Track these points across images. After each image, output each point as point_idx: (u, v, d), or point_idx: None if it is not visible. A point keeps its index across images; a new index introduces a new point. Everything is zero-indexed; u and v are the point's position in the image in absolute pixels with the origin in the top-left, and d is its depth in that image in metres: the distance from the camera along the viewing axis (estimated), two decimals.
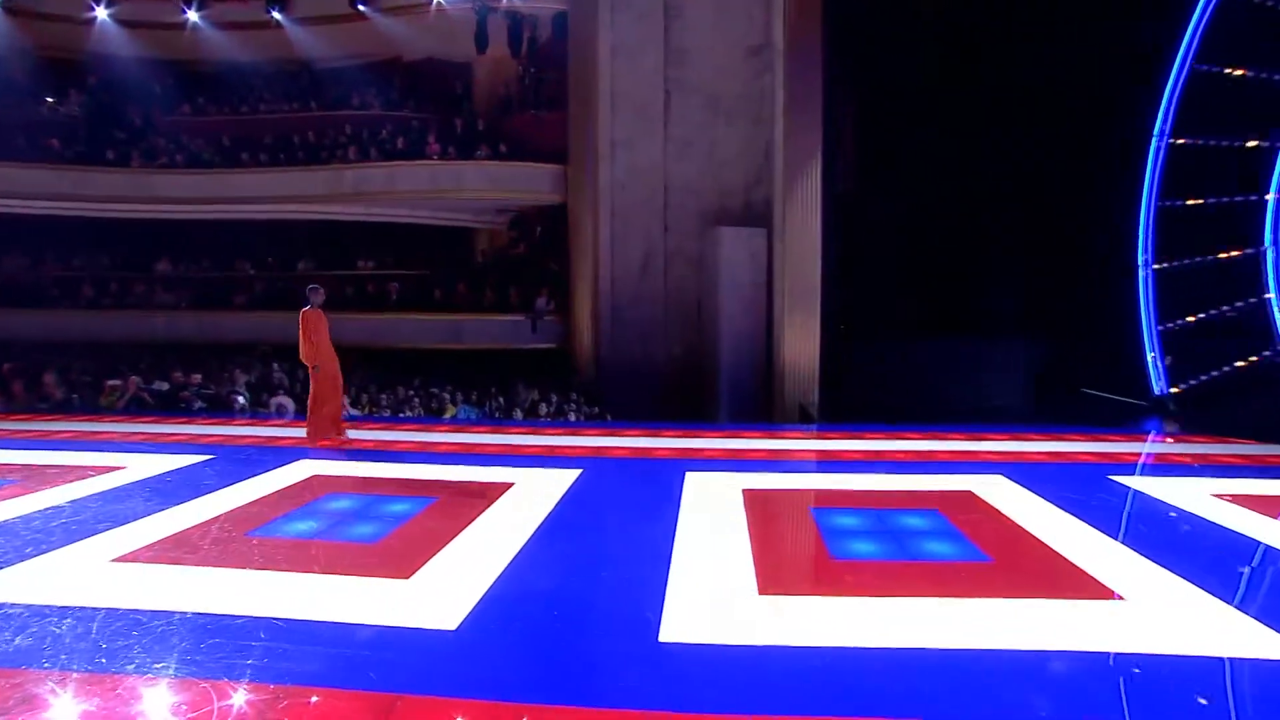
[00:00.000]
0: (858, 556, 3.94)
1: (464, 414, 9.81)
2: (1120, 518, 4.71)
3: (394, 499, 5.16)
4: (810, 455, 6.71)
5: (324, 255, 15.74)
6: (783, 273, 10.76)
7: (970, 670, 2.70)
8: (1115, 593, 3.42)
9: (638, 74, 12.12)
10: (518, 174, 13.12)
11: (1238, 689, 2.64)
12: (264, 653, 2.76)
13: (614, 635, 3.06)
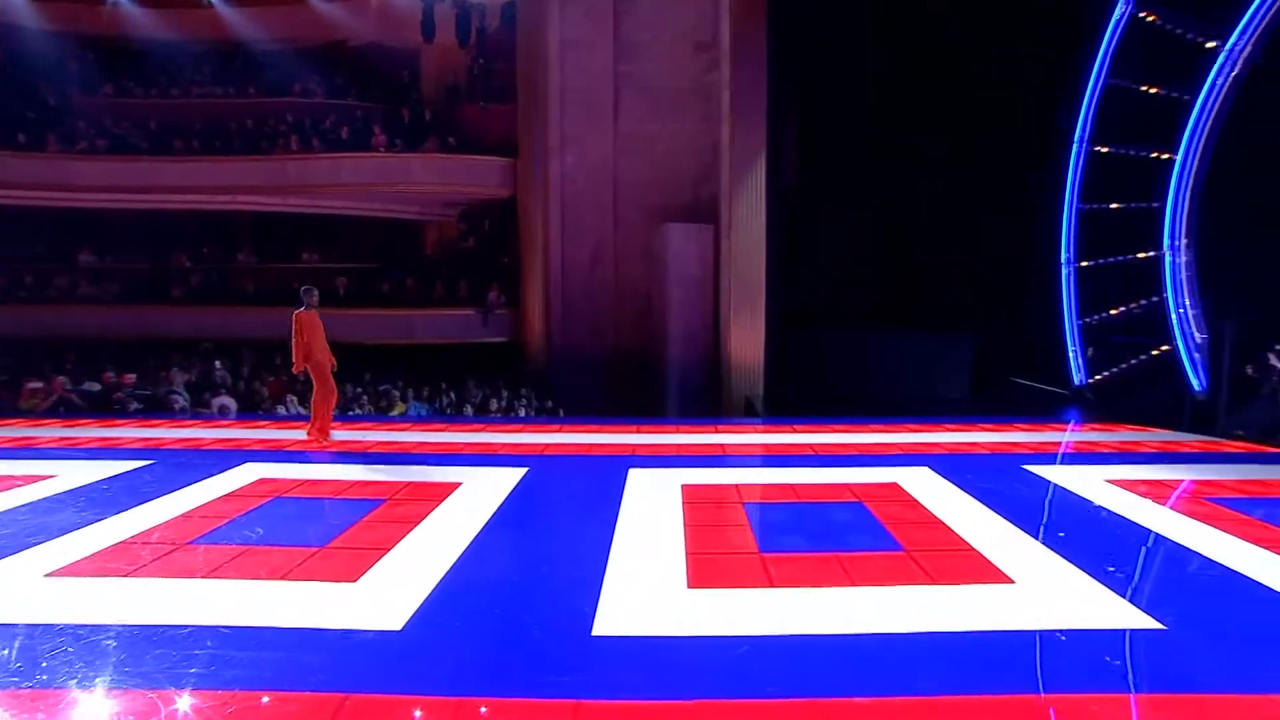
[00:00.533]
0: (783, 550, 4.26)
1: (414, 411, 9.84)
2: (1024, 506, 5.17)
3: (341, 502, 5.25)
4: (749, 450, 7.03)
5: (265, 247, 15.35)
6: (729, 268, 11.10)
7: (867, 652, 3.04)
8: (1007, 576, 3.84)
9: (587, 69, 12.21)
10: (467, 167, 13.06)
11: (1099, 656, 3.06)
12: (210, 660, 2.87)
13: (551, 630, 3.28)
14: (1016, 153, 10.88)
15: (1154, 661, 3.00)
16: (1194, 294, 8.53)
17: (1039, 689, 2.75)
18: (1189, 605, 3.52)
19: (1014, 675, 2.86)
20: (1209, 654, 3.06)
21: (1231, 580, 3.82)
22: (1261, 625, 3.34)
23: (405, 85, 15.41)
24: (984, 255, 11.40)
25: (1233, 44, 7.86)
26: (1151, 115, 8.90)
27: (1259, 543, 4.33)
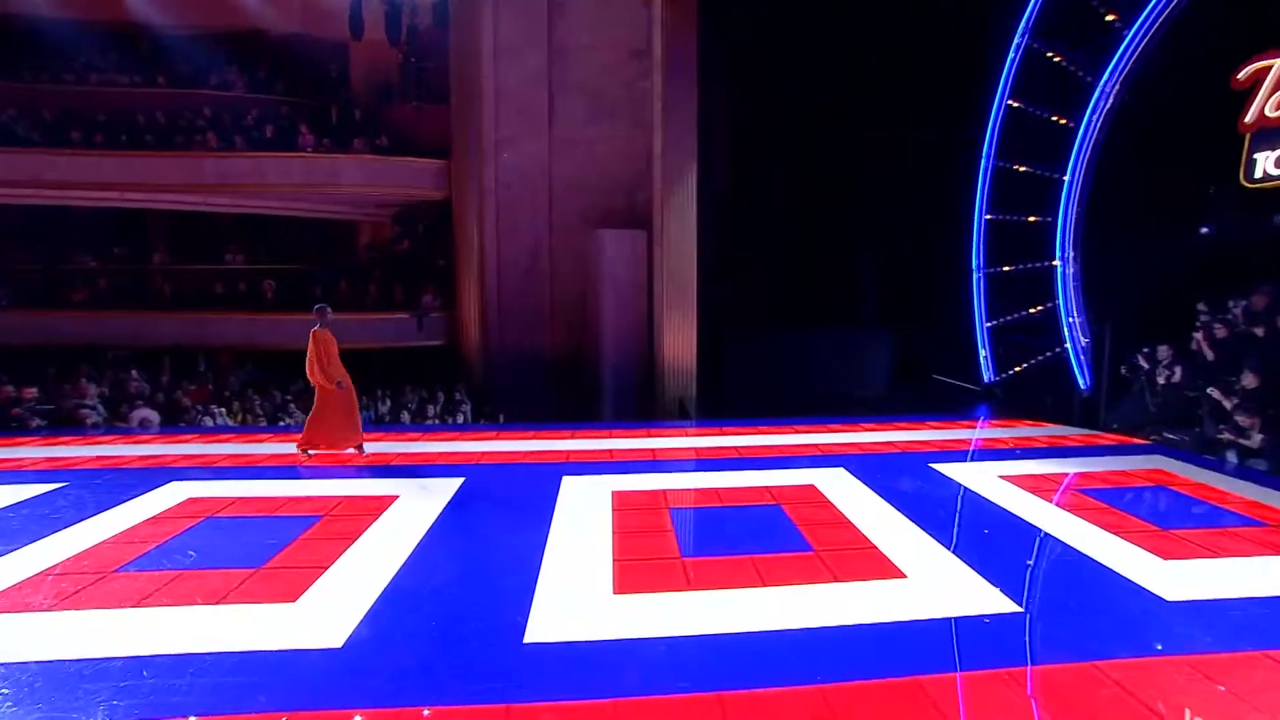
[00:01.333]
0: (703, 554, 4.65)
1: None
2: (925, 504, 5.71)
3: (276, 520, 5.28)
4: (678, 454, 7.38)
5: (184, 247, 14.71)
6: (662, 273, 11.47)
7: (773, 647, 3.45)
8: (901, 571, 4.34)
9: (521, 72, 12.30)
10: (399, 170, 12.90)
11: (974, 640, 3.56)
12: (149, 690, 2.99)
13: (487, 639, 3.54)
14: (932, 165, 11.69)
15: (1011, 641, 3.53)
16: (1080, 301, 9.51)
17: (919, 671, 3.22)
18: (1046, 590, 4.11)
19: (900, 661, 3.31)
20: (1056, 631, 3.63)
21: (1083, 564, 4.45)
22: (1100, 602, 3.96)
23: (333, 82, 14.98)
24: (902, 260, 12.24)
25: (1104, 81, 8.83)
26: (1049, 137, 9.81)
27: (1111, 529, 5.02)
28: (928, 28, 10.99)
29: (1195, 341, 8.02)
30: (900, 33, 11.45)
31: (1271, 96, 7.42)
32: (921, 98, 11.44)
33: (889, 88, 11.72)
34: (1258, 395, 7.15)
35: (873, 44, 11.81)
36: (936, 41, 11.03)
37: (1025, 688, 3.10)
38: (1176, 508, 5.66)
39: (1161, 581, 4.19)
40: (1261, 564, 4.53)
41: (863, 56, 11.96)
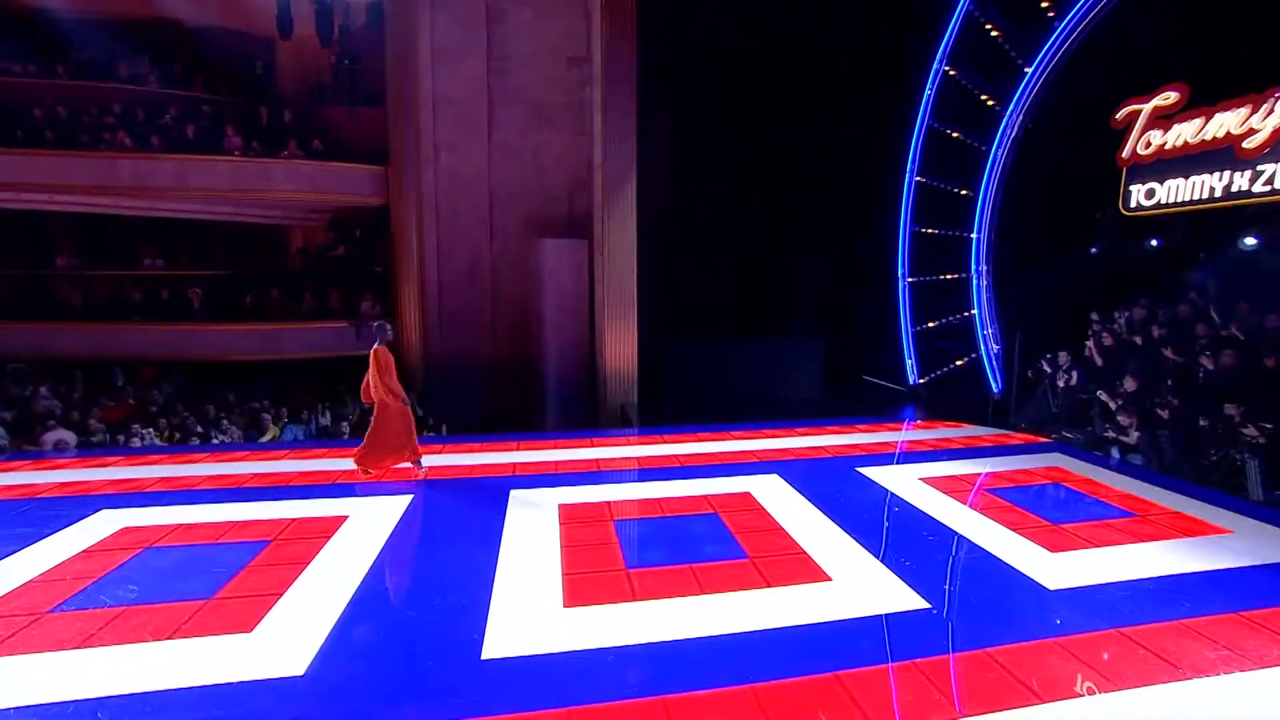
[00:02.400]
0: (646, 564, 4.97)
1: (289, 434, 9.65)
2: (851, 508, 6.23)
3: (222, 547, 5.28)
4: (621, 465, 7.69)
5: (94, 251, 13.94)
6: (603, 283, 11.77)
7: (711, 651, 3.84)
8: (827, 575, 4.83)
9: (460, 77, 12.30)
10: (335, 175, 12.63)
11: (888, 636, 4.06)
12: None
13: (446, 658, 3.79)
14: (860, 181, 12.46)
15: (919, 635, 4.05)
16: (993, 311, 10.43)
17: (840, 668, 3.67)
18: (952, 587, 4.67)
19: (824, 658, 3.76)
20: (958, 624, 4.17)
21: (986, 561, 5.06)
22: (996, 595, 4.55)
23: (260, 80, 14.50)
24: (834, 270, 13.00)
25: (1010, 111, 9.75)
26: (966, 158, 10.68)
27: (1012, 526, 5.68)
28: (855, 51, 11.71)
29: (1087, 349, 8.98)
30: (830, 56, 12.14)
31: (1142, 136, 8.44)
32: (851, 117, 12.18)
33: (821, 108, 12.43)
34: (1136, 397, 8.10)
35: (804, 66, 12.46)
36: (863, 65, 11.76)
37: (926, 677, 3.60)
38: (1068, 504, 6.39)
39: (1047, 573, 4.84)
40: (1127, 552, 5.26)
41: (795, 78, 12.60)
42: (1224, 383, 7.61)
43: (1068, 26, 9.02)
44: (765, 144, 12.82)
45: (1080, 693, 3.47)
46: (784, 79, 12.59)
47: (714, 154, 12.80)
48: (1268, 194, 7.52)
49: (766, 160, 12.82)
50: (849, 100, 12.02)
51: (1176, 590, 4.66)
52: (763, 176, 12.87)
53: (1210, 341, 8.07)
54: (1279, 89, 7.30)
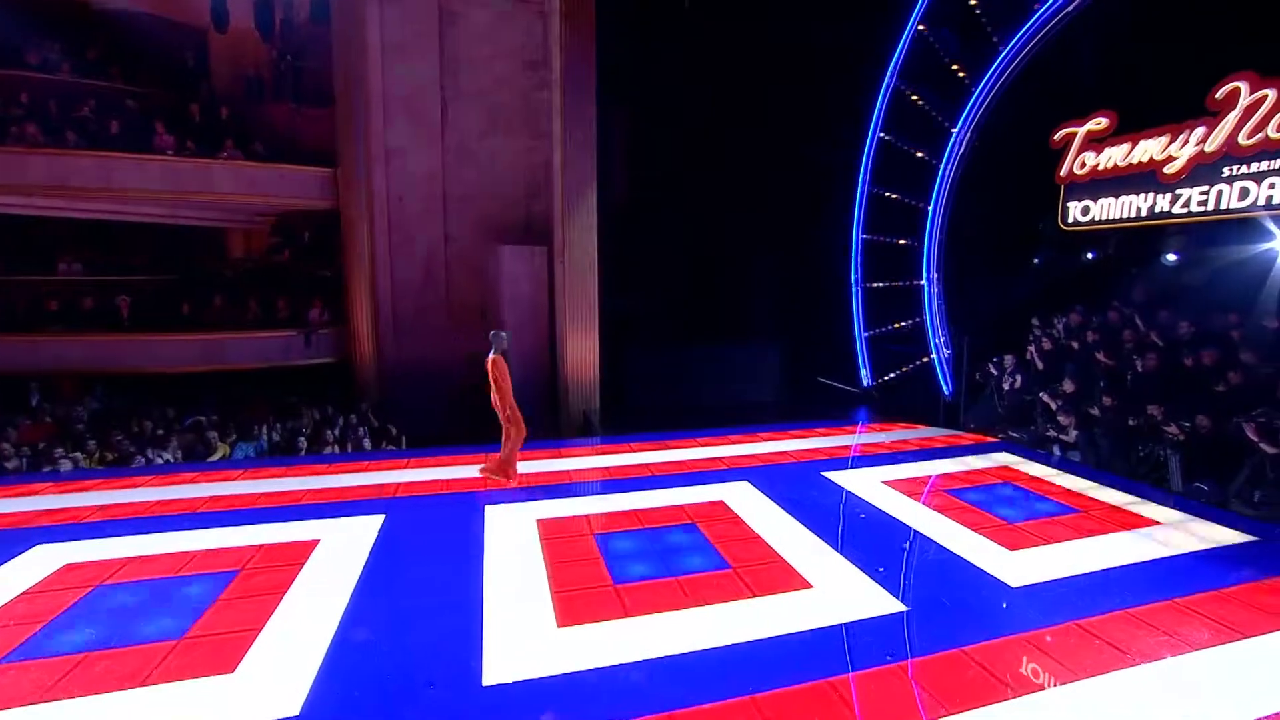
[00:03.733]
0: (634, 579, 5.07)
1: (240, 452, 9.24)
2: (821, 513, 6.51)
3: (185, 581, 5.08)
4: (592, 475, 7.76)
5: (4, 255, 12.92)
6: (564, 289, 11.76)
7: (707, 665, 3.99)
8: (808, 582, 5.05)
9: (413, 78, 12.04)
10: (281, 177, 12.10)
11: (874, 639, 4.29)
12: None
13: (447, 686, 3.79)
14: (815, 189, 12.89)
15: (899, 637, 4.31)
16: (943, 316, 11.01)
17: (831, 674, 3.87)
18: (925, 588, 4.97)
19: (816, 665, 3.96)
20: (933, 624, 4.46)
21: (952, 562, 5.40)
22: (965, 595, 4.87)
23: (191, 72, 13.69)
24: (791, 276, 13.40)
25: (958, 127, 10.34)
26: (917, 170, 11.23)
27: (972, 526, 6.07)
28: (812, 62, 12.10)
29: (1029, 353, 9.62)
30: (788, 67, 12.49)
31: (1077, 158, 9.14)
32: (807, 127, 12.57)
33: (778, 117, 12.78)
34: (1074, 398, 8.73)
35: (763, 76, 12.77)
36: (820, 75, 12.17)
37: (912, 678, 3.85)
38: (1018, 502, 6.85)
39: (1008, 571, 5.21)
40: (1075, 547, 5.71)
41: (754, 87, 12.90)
42: (1148, 384, 8.31)
43: (1011, 52, 9.65)
44: (723, 151, 13.08)
45: (1044, 685, 3.79)
46: (743, 88, 12.88)
47: (671, 159, 12.96)
48: (1185, 215, 8.30)
49: (724, 167, 13.08)
50: (805, 111, 12.42)
51: (1120, 582, 5.12)
52: (720, 183, 13.13)
53: (1135, 346, 8.78)
54: (1193, 122, 8.07)
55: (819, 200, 12.71)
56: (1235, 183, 7.81)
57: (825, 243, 12.63)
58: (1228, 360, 7.97)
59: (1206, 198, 8.02)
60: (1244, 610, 4.71)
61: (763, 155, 12.91)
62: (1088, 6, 8.81)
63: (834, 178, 12.25)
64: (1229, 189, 7.85)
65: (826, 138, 12.31)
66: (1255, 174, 7.66)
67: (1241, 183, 7.77)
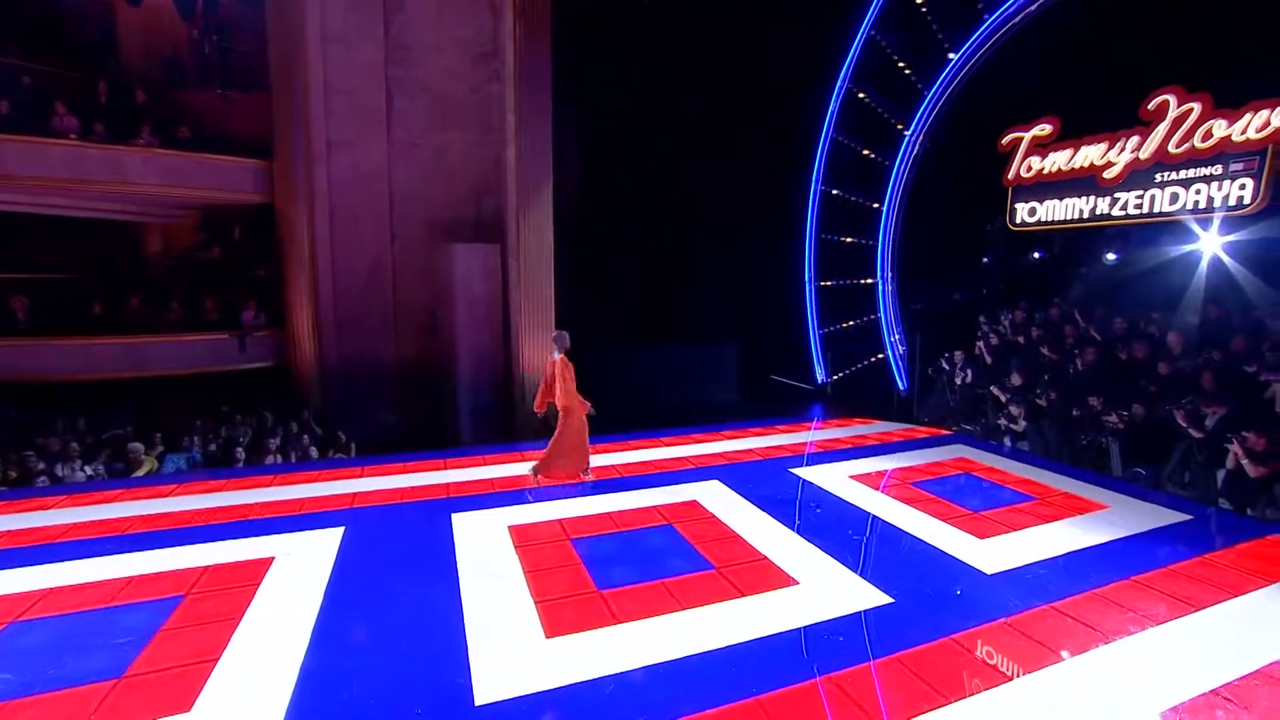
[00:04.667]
0: (618, 584, 4.94)
1: (171, 466, 8.54)
2: (793, 508, 6.58)
3: (120, 610, 4.59)
4: (561, 478, 7.59)
5: None
6: (519, 288, 11.48)
7: (705, 668, 3.90)
8: (793, 579, 5.05)
9: (355, 67, 11.46)
10: (209, 169, 11.21)
11: (866, 632, 4.32)
12: None
13: (437, 710, 3.54)
14: (771, 189, 13.06)
15: (891, 629, 4.35)
16: (897, 314, 11.37)
17: (833, 669, 3.86)
18: (907, 580, 5.05)
19: (815, 661, 3.95)
20: (921, 615, 4.53)
21: (928, 552, 5.53)
22: (945, 584, 4.99)
23: (96, 48, 12.48)
24: (747, 275, 13.55)
25: (911, 131, 10.71)
26: (872, 172, 11.55)
27: (941, 517, 6.25)
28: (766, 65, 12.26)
29: (979, 348, 10.03)
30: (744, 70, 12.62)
31: (1024, 161, 9.63)
32: (762, 126, 12.73)
33: (733, 116, 12.88)
34: (1022, 390, 9.15)
35: (717, 77, 12.85)
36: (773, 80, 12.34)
37: (908, 669, 3.89)
38: (980, 492, 7.11)
39: (982, 559, 5.38)
40: (1038, 533, 5.96)
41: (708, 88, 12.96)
42: (1088, 377, 8.79)
43: (961, 59, 10.06)
44: (677, 151, 13.10)
45: (1034, 668, 3.89)
46: (697, 89, 12.93)
47: (625, 159, 12.88)
48: (1122, 217, 8.86)
49: (679, 167, 13.10)
50: (760, 109, 12.57)
51: (1083, 564, 5.37)
52: (675, 183, 13.15)
53: (1076, 341, 9.28)
54: (1129, 131, 8.64)
55: (774, 200, 12.90)
56: (1167, 188, 8.40)
57: (781, 242, 12.83)
58: (1157, 354, 8.52)
59: (1142, 202, 8.60)
60: (1192, 584, 5.03)
61: (718, 156, 13.00)
62: (1032, 20, 9.31)
63: (789, 178, 12.45)
64: (1161, 194, 8.44)
65: (781, 139, 12.50)
66: (1184, 180, 8.27)
67: (1172, 188, 8.37)
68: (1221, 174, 7.86)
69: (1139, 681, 3.81)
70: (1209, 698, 3.66)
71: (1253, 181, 7.60)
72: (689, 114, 13.03)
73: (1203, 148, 7.92)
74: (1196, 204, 8.10)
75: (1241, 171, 7.67)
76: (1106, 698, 3.67)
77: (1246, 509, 6.80)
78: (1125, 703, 3.63)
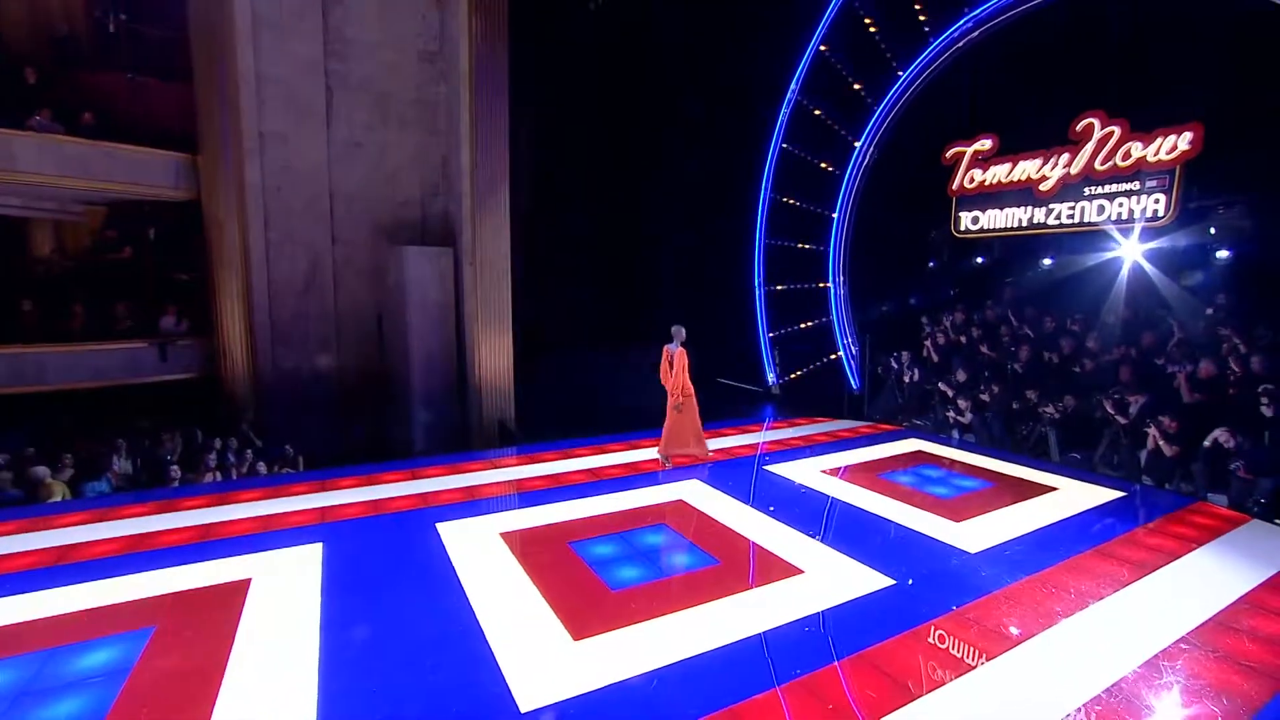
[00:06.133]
0: (630, 583, 4.94)
1: (92, 490, 7.70)
2: (782, 503, 6.76)
3: (81, 648, 4.10)
4: (537, 484, 7.37)
5: None
6: (475, 293, 11.19)
7: (746, 655, 3.99)
8: (798, 568, 5.22)
9: (291, 59, 10.83)
10: (116, 159, 10.11)
11: (880, 611, 4.52)
12: None
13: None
14: (722, 196, 13.39)
15: (899, 608, 4.59)
16: (849, 316, 11.94)
17: (859, 648, 4.03)
18: (904, 562, 5.33)
19: (843, 642, 4.11)
20: (925, 592, 4.80)
21: (914, 537, 5.86)
22: (938, 564, 5.31)
23: None
24: (698, 279, 13.81)
25: (861, 143, 11.35)
26: (823, 181, 12.10)
27: (916, 504, 6.63)
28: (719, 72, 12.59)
29: (925, 348, 10.69)
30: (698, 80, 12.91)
31: (967, 173, 10.45)
32: (713, 132, 13.05)
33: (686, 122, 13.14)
34: (967, 385, 9.84)
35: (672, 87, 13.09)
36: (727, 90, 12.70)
37: (929, 640, 4.13)
38: (943, 480, 7.59)
39: (963, 540, 5.76)
40: (1004, 514, 6.46)
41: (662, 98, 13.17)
42: (1025, 372, 9.58)
43: (909, 77, 10.78)
44: (630, 154, 13.21)
45: (1032, 632, 4.23)
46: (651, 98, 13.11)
47: (581, 166, 12.87)
48: (1056, 226, 9.79)
49: (630, 173, 13.21)
50: (714, 117, 12.89)
51: (1051, 538, 5.88)
52: (627, 189, 13.25)
53: (1012, 339, 10.08)
54: (1060, 148, 9.58)
55: (726, 207, 13.24)
56: (1094, 200, 9.37)
57: (732, 248, 13.17)
58: (1081, 350, 9.41)
59: (1073, 212, 9.54)
60: (1141, 551, 5.62)
61: (670, 162, 13.22)
62: (974, 45, 10.15)
63: (741, 185, 12.83)
64: (1089, 205, 9.40)
65: (735, 147, 12.87)
66: (1108, 194, 9.26)
67: (1098, 201, 9.34)
68: (1140, 189, 8.87)
69: (1116, 639, 4.21)
70: (1194, 633, 4.11)
71: (1165, 196, 8.64)
72: (641, 122, 13.20)
73: (1123, 166, 8.90)
74: (1119, 215, 9.08)
75: (1156, 188, 8.69)
76: (1108, 647, 4.05)
77: (1164, 484, 7.62)
78: (1125, 648, 4.02)
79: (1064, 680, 3.76)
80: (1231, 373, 7.92)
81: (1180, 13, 8.58)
